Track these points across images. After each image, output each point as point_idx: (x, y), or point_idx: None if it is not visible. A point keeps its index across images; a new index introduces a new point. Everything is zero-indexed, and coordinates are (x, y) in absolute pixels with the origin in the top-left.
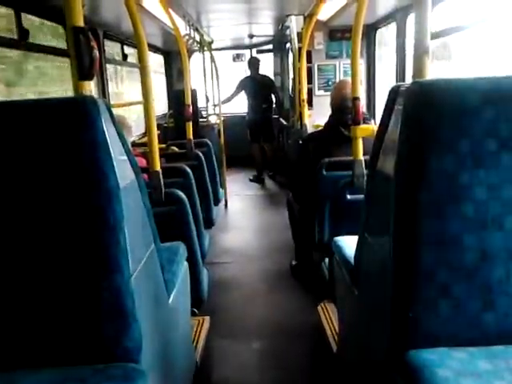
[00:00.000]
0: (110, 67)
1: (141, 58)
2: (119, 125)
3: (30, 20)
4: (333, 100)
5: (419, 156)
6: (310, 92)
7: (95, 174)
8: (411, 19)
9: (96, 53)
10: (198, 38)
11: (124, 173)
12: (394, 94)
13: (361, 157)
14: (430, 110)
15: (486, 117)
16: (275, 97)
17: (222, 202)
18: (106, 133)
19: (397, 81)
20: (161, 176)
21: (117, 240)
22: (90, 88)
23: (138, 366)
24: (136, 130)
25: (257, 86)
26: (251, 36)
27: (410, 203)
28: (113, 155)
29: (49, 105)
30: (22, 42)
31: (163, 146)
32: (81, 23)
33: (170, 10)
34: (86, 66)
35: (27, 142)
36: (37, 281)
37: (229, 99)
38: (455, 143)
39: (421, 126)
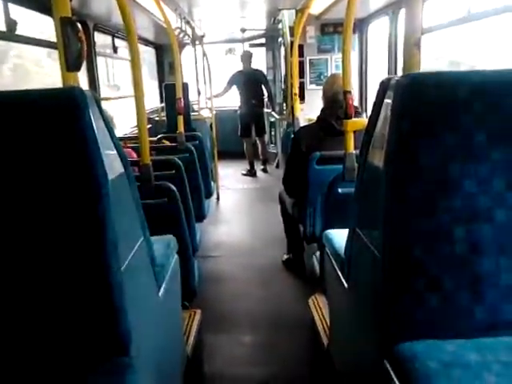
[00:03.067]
0: None
1: (131, 51)
2: (108, 117)
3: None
4: (325, 94)
5: (409, 149)
6: (302, 86)
7: (82, 166)
8: (403, 13)
9: (84, 44)
10: (189, 31)
11: (112, 165)
12: (384, 87)
13: (352, 150)
14: (419, 103)
15: (476, 110)
16: (267, 91)
17: (214, 196)
18: (94, 125)
19: (389, 74)
20: (151, 169)
21: (104, 233)
22: (78, 79)
23: (127, 360)
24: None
25: (248, 81)
26: (243, 30)
27: (400, 196)
28: (100, 148)
29: (35, 96)
30: (10, 33)
31: (154, 139)
32: (68, 14)
33: (161, 3)
34: (74, 58)
35: (12, 134)
36: (23, 274)
37: (220, 94)
38: (445, 136)
39: (410, 119)
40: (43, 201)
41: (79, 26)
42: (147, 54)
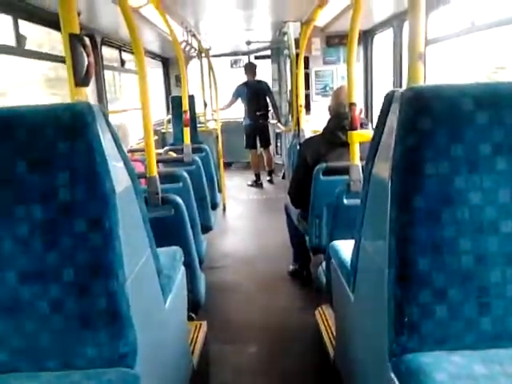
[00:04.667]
0: None
1: (138, 65)
2: (115, 130)
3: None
4: (330, 105)
5: (414, 161)
6: (308, 97)
7: (91, 179)
8: (407, 25)
9: (92, 59)
10: (195, 44)
11: (120, 178)
12: (388, 99)
13: (357, 162)
14: (424, 116)
15: (480, 122)
16: (271, 102)
17: (220, 207)
18: (102, 139)
19: (394, 86)
20: (158, 181)
21: (112, 245)
22: (86, 94)
23: (132, 371)
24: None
25: (252, 92)
26: (249, 42)
27: (405, 208)
28: (108, 161)
29: (44, 111)
30: (20, 48)
31: (161, 151)
32: (76, 30)
33: (168, 17)
34: (82, 73)
35: (23, 149)
36: (32, 285)
37: (226, 107)
38: (450, 148)
39: (415, 131)
40: (50, 213)
41: (87, 41)
42: None
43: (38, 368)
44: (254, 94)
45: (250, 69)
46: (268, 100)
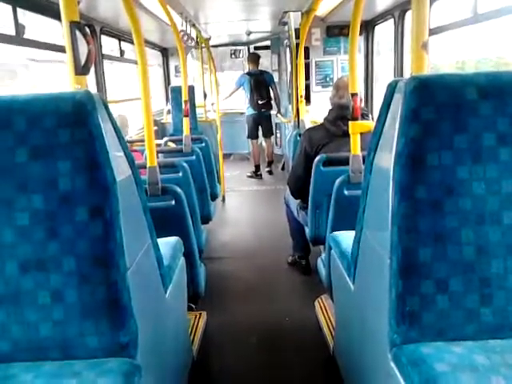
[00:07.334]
0: None
1: (138, 55)
2: (115, 120)
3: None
4: (333, 95)
5: (417, 151)
6: (308, 88)
7: (91, 169)
8: (409, 15)
9: (92, 48)
10: (195, 34)
11: (120, 168)
12: (391, 89)
13: (358, 152)
14: (427, 105)
15: (484, 111)
16: (274, 92)
17: (220, 198)
18: (102, 128)
19: (395, 76)
20: (158, 171)
21: (113, 235)
22: (86, 83)
23: (133, 361)
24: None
25: (255, 82)
26: (249, 32)
27: (408, 198)
28: (109, 150)
29: (44, 99)
30: (19, 37)
31: (161, 141)
32: (77, 18)
33: (168, 7)
34: (82, 61)
35: (23, 137)
36: (33, 275)
37: (228, 96)
38: (453, 138)
39: (419, 121)
40: (51, 202)
41: (87, 30)
42: None
43: (39, 358)
44: (257, 84)
45: (253, 59)
46: (271, 91)
